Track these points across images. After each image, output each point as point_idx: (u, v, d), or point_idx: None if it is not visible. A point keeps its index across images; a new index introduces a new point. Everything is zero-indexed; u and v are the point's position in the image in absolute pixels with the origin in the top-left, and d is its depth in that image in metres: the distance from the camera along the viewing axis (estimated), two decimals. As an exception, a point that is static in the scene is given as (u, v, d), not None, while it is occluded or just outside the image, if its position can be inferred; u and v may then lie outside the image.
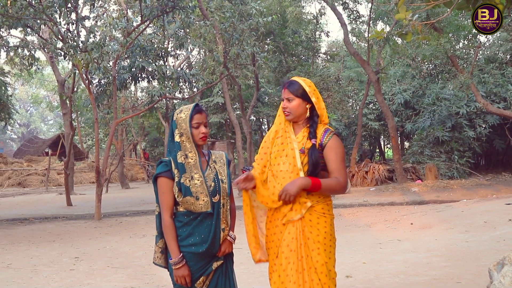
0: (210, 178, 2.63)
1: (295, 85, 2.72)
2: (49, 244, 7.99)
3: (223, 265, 2.64)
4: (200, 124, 2.62)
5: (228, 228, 2.67)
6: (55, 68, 18.88)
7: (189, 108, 2.64)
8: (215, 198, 2.60)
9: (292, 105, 2.70)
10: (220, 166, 2.73)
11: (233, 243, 2.70)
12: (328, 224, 2.65)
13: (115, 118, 11.87)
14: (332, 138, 2.66)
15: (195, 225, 2.57)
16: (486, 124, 17.62)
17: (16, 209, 13.50)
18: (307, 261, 2.57)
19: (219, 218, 2.61)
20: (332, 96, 19.22)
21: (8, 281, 5.54)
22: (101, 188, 11.18)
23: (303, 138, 2.69)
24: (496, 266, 2.58)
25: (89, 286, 5.24)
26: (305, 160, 2.62)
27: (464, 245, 6.45)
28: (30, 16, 9.92)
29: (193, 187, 2.55)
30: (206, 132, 2.64)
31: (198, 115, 2.62)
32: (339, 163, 2.63)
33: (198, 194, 2.55)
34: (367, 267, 5.56)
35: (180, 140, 2.60)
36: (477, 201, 10.49)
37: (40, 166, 25.03)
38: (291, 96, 2.70)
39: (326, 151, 2.64)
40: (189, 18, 11.28)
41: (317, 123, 2.72)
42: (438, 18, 3.42)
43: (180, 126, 2.61)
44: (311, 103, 2.71)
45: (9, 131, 52.35)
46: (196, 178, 2.57)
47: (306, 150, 2.63)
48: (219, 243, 2.61)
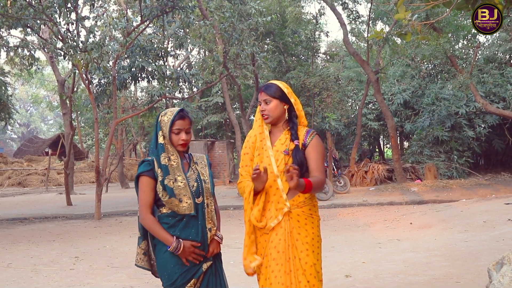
0: (193, 178, 2.60)
1: (271, 87, 2.73)
2: (49, 244, 8.00)
3: (213, 265, 2.60)
4: (180, 131, 2.56)
5: (215, 228, 2.64)
6: (55, 68, 18.86)
7: (173, 112, 2.58)
8: (199, 199, 2.57)
9: (270, 106, 2.70)
10: (202, 167, 2.70)
11: (220, 242, 2.66)
12: (315, 225, 2.66)
13: (115, 118, 11.87)
14: (314, 138, 2.70)
15: (181, 227, 2.53)
16: (485, 124, 17.62)
17: (16, 209, 13.50)
18: (295, 263, 2.55)
19: (204, 218, 2.57)
20: (331, 96, 19.19)
21: (8, 280, 5.54)
22: (101, 187, 11.18)
23: (286, 140, 2.69)
24: (495, 265, 2.58)
25: (89, 286, 5.24)
26: (290, 161, 2.62)
27: (464, 244, 6.45)
28: (30, 16, 9.91)
29: (176, 189, 2.51)
30: (186, 139, 2.58)
31: (180, 121, 2.56)
32: (319, 161, 2.66)
33: (181, 196, 2.52)
34: (367, 266, 5.56)
35: (163, 142, 2.56)
36: (476, 201, 10.50)
37: (40, 166, 25.02)
38: (268, 97, 2.70)
39: (308, 150, 2.66)
40: (188, 18, 11.27)
41: (297, 125, 2.73)
42: (437, 18, 3.42)
43: (163, 129, 2.57)
44: (288, 103, 2.72)
45: (9, 131, 52.34)
46: (179, 180, 2.54)
47: (290, 152, 2.64)
48: (207, 243, 2.57)
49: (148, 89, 17.59)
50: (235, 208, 12.32)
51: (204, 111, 24.27)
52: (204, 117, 23.80)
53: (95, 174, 11.38)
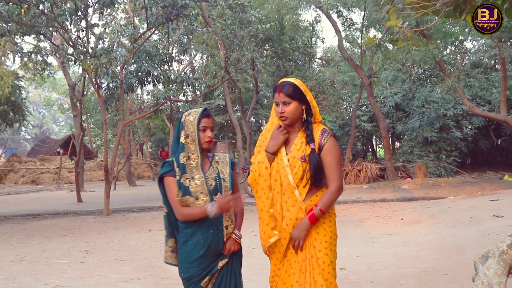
0: (212, 177, 2.54)
1: (290, 87, 2.48)
2: (60, 238, 8.00)
3: (229, 263, 2.53)
4: (206, 128, 2.54)
5: (232, 226, 2.55)
6: (66, 73, 18.85)
7: (197, 112, 2.56)
8: (216, 197, 2.49)
9: (290, 109, 2.47)
10: (223, 166, 2.63)
11: (238, 241, 2.57)
12: (332, 223, 2.50)
13: (123, 119, 11.87)
14: (329, 140, 2.47)
15: (198, 224, 2.48)
16: (472, 126, 17.65)
17: (29, 205, 13.50)
18: (311, 262, 2.41)
19: (221, 216, 2.50)
20: (327, 98, 19.23)
21: (23, 272, 5.54)
22: (109, 185, 11.17)
23: (302, 144, 2.48)
24: (481, 259, 2.59)
25: (98, 278, 5.24)
26: (307, 168, 2.44)
27: (451, 239, 6.45)
28: (43, 24, 9.91)
29: (193, 187, 2.47)
30: (211, 136, 2.56)
31: (206, 119, 2.55)
32: (335, 166, 2.46)
33: (198, 194, 2.47)
34: (360, 259, 5.56)
35: (185, 142, 2.52)
36: (463, 198, 10.49)
37: (52, 165, 25.02)
38: (288, 99, 2.46)
39: (323, 154, 2.46)
40: (192, 26, 11.28)
41: (311, 124, 2.52)
42: (427, 26, 3.42)
43: (187, 128, 2.53)
44: (306, 103, 2.51)
45: (23, 132, 52.35)
46: (197, 179, 2.49)
47: (307, 158, 2.44)
48: (223, 241, 2.50)
49: (154, 93, 17.60)
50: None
51: (206, 113, 24.23)
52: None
53: (104, 173, 11.37)
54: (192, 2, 10.47)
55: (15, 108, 19.77)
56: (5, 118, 19.91)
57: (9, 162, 25.06)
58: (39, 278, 5.26)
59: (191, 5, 10.58)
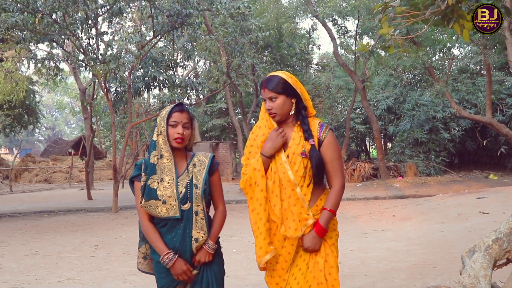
0: (183, 184, 2.13)
1: (274, 81, 2.18)
2: (72, 234, 7.99)
3: (201, 274, 2.14)
4: (178, 124, 2.11)
5: (205, 237, 2.12)
6: (77, 78, 18.83)
7: (171, 106, 2.16)
8: (185, 206, 2.10)
9: (277, 104, 2.16)
10: (199, 170, 2.18)
11: (211, 252, 2.15)
12: (336, 224, 2.27)
13: (130, 122, 11.87)
14: (328, 134, 2.19)
15: (164, 232, 2.12)
16: (459, 127, 17.68)
17: (42, 203, 13.49)
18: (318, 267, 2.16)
19: (189, 226, 2.10)
20: (323, 102, 19.22)
21: (36, 266, 5.54)
22: (117, 184, 11.17)
23: (300, 139, 2.17)
24: (468, 253, 2.59)
25: (108, 271, 5.24)
26: (309, 165, 2.14)
27: (440, 234, 6.45)
28: (55, 32, 9.92)
29: (161, 189, 2.09)
30: (183, 134, 2.12)
31: (178, 114, 2.12)
32: (337, 162, 2.19)
33: (166, 197, 2.08)
34: (354, 254, 5.56)
35: (157, 140, 2.14)
36: (451, 196, 10.49)
37: (64, 165, 25.00)
38: (273, 94, 2.15)
39: (324, 149, 2.17)
40: (196, 33, 11.28)
41: (306, 117, 2.21)
42: (416, 33, 3.42)
43: (159, 124, 2.15)
44: (296, 96, 2.19)
45: (36, 134, 52.34)
46: (167, 181, 2.11)
47: (307, 153, 2.15)
48: (191, 252, 2.11)
49: (160, 96, 17.57)
50: (237, 202, 12.31)
51: (209, 115, 24.28)
52: (209, 121, 23.83)
53: (113, 172, 11.37)
54: (195, 11, 10.47)
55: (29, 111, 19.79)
56: (20, 120, 19.92)
57: (23, 162, 25.03)
58: (51, 271, 5.25)
59: (195, 14, 10.59)
